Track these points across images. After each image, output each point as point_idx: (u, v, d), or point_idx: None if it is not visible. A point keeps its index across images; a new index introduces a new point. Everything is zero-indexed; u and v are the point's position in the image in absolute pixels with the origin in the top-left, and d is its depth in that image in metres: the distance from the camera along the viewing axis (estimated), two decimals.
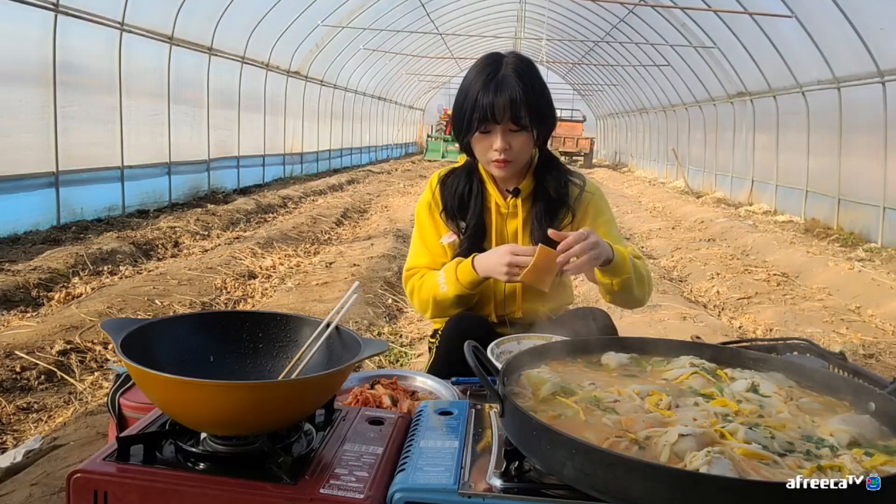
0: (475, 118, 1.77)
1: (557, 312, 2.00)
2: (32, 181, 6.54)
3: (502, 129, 1.78)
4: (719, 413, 1.12)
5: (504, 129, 1.78)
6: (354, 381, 1.66)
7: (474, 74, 1.81)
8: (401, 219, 8.97)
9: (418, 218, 2.02)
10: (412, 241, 2.03)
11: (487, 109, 1.75)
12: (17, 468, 2.31)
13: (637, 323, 4.37)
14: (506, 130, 1.79)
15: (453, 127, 1.92)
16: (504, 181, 1.94)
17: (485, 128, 1.79)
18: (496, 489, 1.03)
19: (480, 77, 1.79)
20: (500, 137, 1.78)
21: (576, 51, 22.30)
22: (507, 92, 1.75)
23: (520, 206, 1.92)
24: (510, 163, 1.83)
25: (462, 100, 1.83)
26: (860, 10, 7.55)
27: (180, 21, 8.82)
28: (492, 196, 1.93)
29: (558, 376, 1.24)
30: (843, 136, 8.80)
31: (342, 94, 17.74)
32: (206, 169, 10.20)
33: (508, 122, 1.77)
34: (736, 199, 12.68)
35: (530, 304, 1.95)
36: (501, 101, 1.74)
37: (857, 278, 5.92)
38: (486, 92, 1.75)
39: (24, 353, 3.39)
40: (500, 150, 1.79)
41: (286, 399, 1.08)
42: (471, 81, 1.81)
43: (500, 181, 1.94)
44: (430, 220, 1.98)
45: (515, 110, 1.75)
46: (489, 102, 1.75)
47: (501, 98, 1.74)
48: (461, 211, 1.93)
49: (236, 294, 5.05)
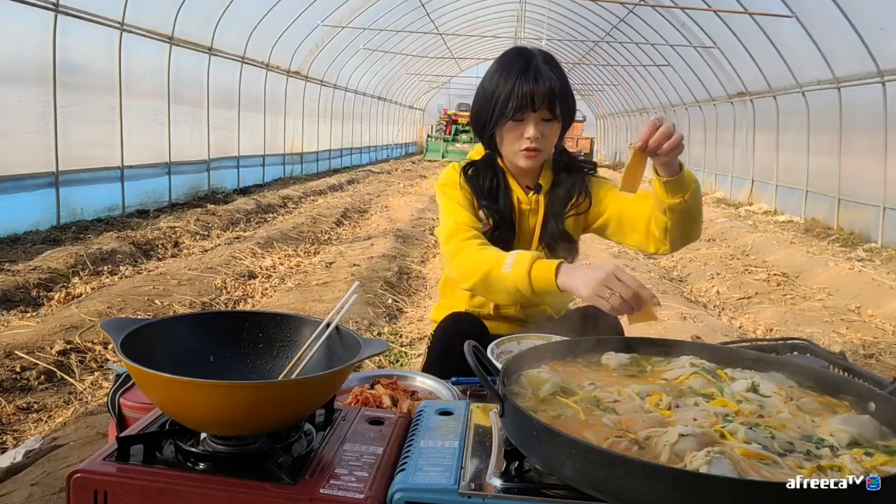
0: (511, 107, 1.76)
1: (557, 311, 2.00)
2: (32, 181, 6.54)
3: (536, 118, 1.78)
4: (719, 413, 1.12)
5: (538, 117, 1.78)
6: (354, 381, 1.66)
7: (503, 65, 1.81)
8: (401, 219, 8.97)
9: (447, 187, 1.91)
10: (444, 208, 1.88)
11: (527, 97, 1.74)
12: (17, 468, 2.31)
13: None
14: (539, 119, 1.79)
15: (475, 118, 1.89)
16: (525, 175, 1.93)
17: (520, 115, 1.78)
18: (496, 489, 1.03)
19: (514, 66, 1.79)
20: (534, 126, 1.78)
21: (576, 51, 22.29)
22: (546, 81, 1.76)
23: (541, 202, 1.92)
24: (540, 152, 1.82)
25: (492, 89, 1.81)
26: (860, 10, 7.55)
27: (180, 21, 8.82)
28: (514, 191, 1.93)
29: (558, 376, 1.24)
30: (843, 136, 8.80)
31: (342, 94, 17.73)
32: (206, 169, 10.20)
33: (544, 110, 1.78)
34: (736, 199, 12.68)
35: (535, 303, 1.94)
36: (541, 89, 1.75)
37: (857, 278, 5.92)
38: (526, 80, 1.75)
39: (24, 353, 3.39)
40: (533, 139, 1.78)
41: (286, 399, 1.08)
42: (500, 72, 1.81)
43: (521, 175, 1.93)
44: (461, 193, 1.89)
45: (552, 100, 1.77)
46: (528, 90, 1.75)
47: (541, 87, 1.75)
48: (491, 202, 1.89)
49: (236, 294, 5.05)
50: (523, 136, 1.79)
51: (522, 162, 1.85)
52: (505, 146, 1.85)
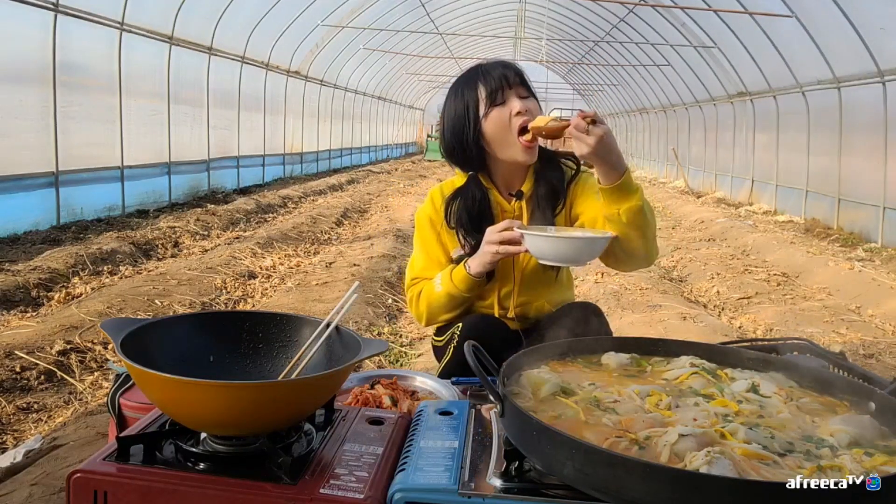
0: (485, 96, 1.79)
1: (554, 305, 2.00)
2: (32, 181, 6.54)
3: (515, 94, 1.80)
4: (719, 413, 1.12)
5: (516, 94, 1.80)
6: (354, 381, 1.66)
7: (462, 80, 1.87)
8: (401, 219, 8.97)
9: (420, 227, 1.98)
10: (415, 249, 2.00)
11: (501, 79, 1.79)
12: (17, 468, 2.30)
13: (637, 323, 4.37)
14: (519, 96, 1.80)
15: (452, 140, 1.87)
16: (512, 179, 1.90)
17: (500, 97, 1.79)
18: (496, 489, 1.03)
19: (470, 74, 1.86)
20: (517, 99, 1.79)
21: (576, 51, 22.28)
22: (508, 65, 1.84)
23: (524, 208, 1.91)
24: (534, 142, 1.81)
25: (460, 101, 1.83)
26: (860, 10, 7.55)
27: (180, 21, 8.82)
28: (497, 203, 1.92)
29: (558, 376, 1.24)
30: (843, 136, 8.79)
31: (342, 94, 17.73)
32: (205, 169, 10.20)
33: (519, 87, 1.81)
34: (736, 198, 12.68)
35: (529, 301, 1.94)
36: (509, 72, 1.81)
37: (857, 278, 5.92)
38: (492, 70, 1.82)
39: (24, 353, 3.39)
40: (524, 111, 1.78)
41: (286, 399, 1.08)
42: (462, 84, 1.86)
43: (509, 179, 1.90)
44: (432, 232, 1.95)
45: (522, 79, 1.82)
46: (498, 73, 1.80)
47: (508, 70, 1.82)
48: (478, 224, 1.87)
49: (236, 294, 5.04)
50: (512, 114, 1.78)
51: (522, 156, 1.81)
52: (497, 143, 1.81)
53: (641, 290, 5.18)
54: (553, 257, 1.65)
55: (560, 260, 1.67)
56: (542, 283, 1.94)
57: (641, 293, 5.11)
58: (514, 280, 1.92)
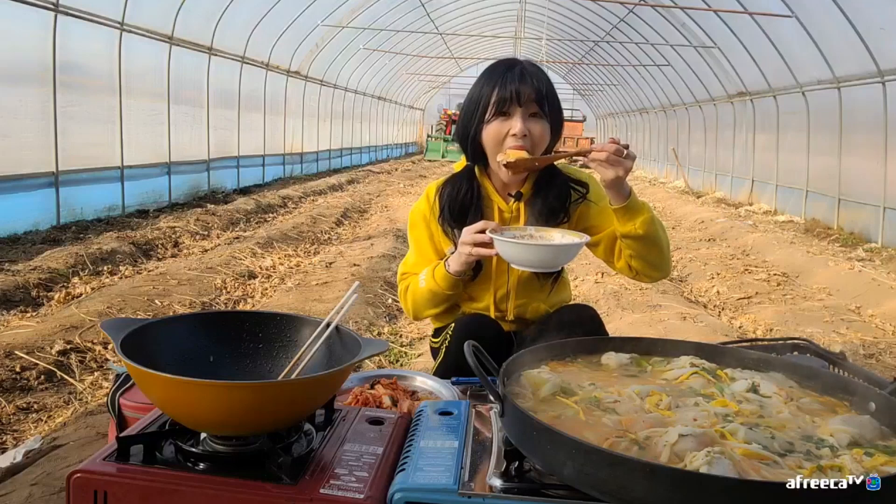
0: (496, 99, 1.77)
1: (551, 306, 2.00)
2: (32, 181, 6.54)
3: (523, 113, 1.77)
4: (719, 413, 1.12)
5: (525, 112, 1.77)
6: (354, 381, 1.66)
7: (489, 71, 1.83)
8: (401, 219, 8.96)
9: (412, 225, 2.00)
10: (409, 243, 2.04)
11: (513, 92, 1.75)
12: (17, 468, 2.30)
13: (637, 323, 4.37)
14: (526, 115, 1.77)
15: (461, 124, 1.88)
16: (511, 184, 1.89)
17: (506, 108, 1.77)
18: (496, 489, 1.03)
19: (499, 69, 1.81)
20: (521, 120, 1.76)
21: (576, 51, 22.29)
22: (532, 79, 1.78)
23: (522, 210, 1.90)
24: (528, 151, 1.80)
25: (478, 93, 1.82)
26: (860, 10, 7.55)
27: (180, 21, 8.82)
28: (494, 201, 1.91)
29: (558, 376, 1.24)
30: (843, 136, 8.79)
31: (342, 94, 17.73)
32: (205, 169, 10.20)
33: (532, 104, 1.77)
34: (736, 198, 12.68)
35: (526, 302, 1.94)
36: (527, 86, 1.76)
37: (857, 278, 5.92)
38: (511, 78, 1.77)
39: (24, 353, 3.39)
40: (519, 134, 1.76)
41: (286, 399, 1.08)
42: (486, 77, 1.82)
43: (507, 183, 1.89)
44: (425, 230, 1.96)
45: (540, 97, 1.78)
46: (514, 87, 1.76)
47: (527, 83, 1.77)
48: (461, 217, 1.87)
49: (236, 294, 5.04)
50: (509, 132, 1.77)
51: (505, 176, 1.82)
52: (491, 146, 1.81)
53: (641, 290, 5.18)
54: (523, 263, 1.61)
55: (531, 266, 1.63)
56: (539, 285, 1.93)
57: (641, 293, 5.11)
58: (509, 283, 1.91)
